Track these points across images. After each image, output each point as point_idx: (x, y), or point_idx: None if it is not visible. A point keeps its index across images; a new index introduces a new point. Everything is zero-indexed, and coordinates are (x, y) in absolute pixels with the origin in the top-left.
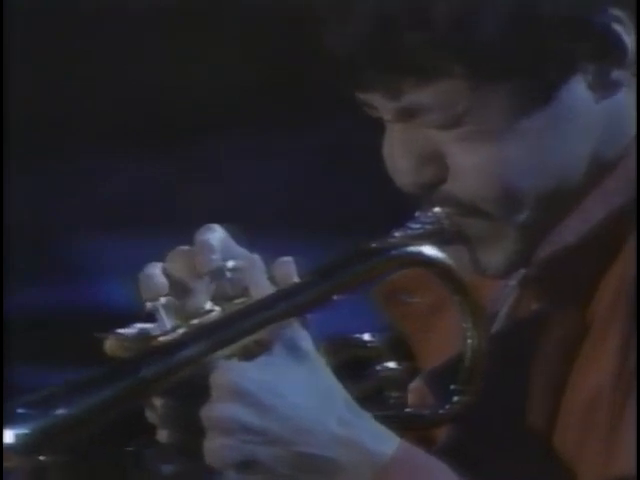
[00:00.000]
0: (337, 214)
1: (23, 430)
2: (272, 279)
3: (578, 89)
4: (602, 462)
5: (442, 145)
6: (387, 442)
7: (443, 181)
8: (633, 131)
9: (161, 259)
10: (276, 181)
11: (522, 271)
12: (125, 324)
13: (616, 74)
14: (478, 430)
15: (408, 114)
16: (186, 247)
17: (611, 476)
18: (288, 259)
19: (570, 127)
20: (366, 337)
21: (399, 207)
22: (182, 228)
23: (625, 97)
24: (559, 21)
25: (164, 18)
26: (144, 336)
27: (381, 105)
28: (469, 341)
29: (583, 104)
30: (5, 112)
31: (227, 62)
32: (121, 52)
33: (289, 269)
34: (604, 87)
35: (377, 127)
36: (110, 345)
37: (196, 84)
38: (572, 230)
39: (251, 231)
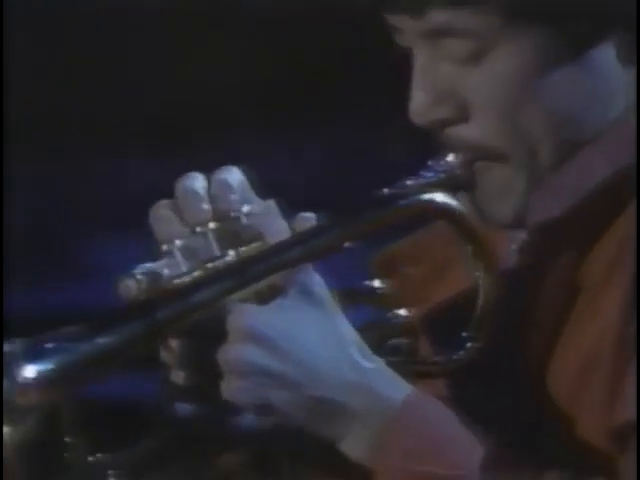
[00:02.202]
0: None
1: (45, 365)
2: (292, 231)
3: (607, 55)
4: (602, 411)
5: (463, 83)
6: (399, 388)
7: (459, 120)
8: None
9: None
10: (280, 181)
11: (522, 236)
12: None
13: None
14: (481, 379)
15: (434, 36)
16: (199, 175)
17: (612, 423)
18: (310, 215)
19: (595, 87)
20: (377, 284)
21: None
22: None
23: None
24: None
25: (167, 17)
26: (160, 277)
27: (408, 27)
28: (481, 288)
29: (610, 70)
30: (7, 112)
31: (229, 62)
32: (124, 52)
33: (310, 224)
34: (629, 59)
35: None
36: (125, 285)
37: (199, 84)
38: (567, 179)
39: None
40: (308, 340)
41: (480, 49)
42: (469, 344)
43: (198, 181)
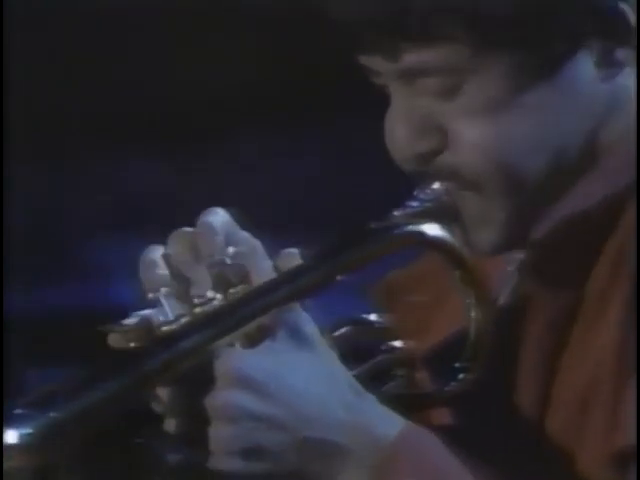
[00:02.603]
0: (342, 213)
1: (26, 429)
2: (277, 269)
3: (583, 66)
4: (603, 439)
5: (442, 116)
6: (392, 424)
7: (441, 152)
8: (633, 114)
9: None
10: (283, 182)
11: (520, 256)
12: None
13: (620, 53)
14: (476, 410)
15: (409, 76)
16: (189, 229)
17: (612, 451)
18: (294, 250)
19: (573, 104)
20: (372, 317)
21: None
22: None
23: (627, 79)
24: None
25: (167, 17)
26: (147, 326)
27: (383, 68)
28: (473, 317)
29: (587, 82)
30: (7, 112)
31: (230, 62)
32: (124, 52)
33: (294, 260)
34: (608, 66)
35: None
36: (113, 337)
37: (199, 84)
38: (568, 210)
39: (257, 232)
40: (298, 381)
41: (454, 83)
42: (462, 375)
43: (187, 234)
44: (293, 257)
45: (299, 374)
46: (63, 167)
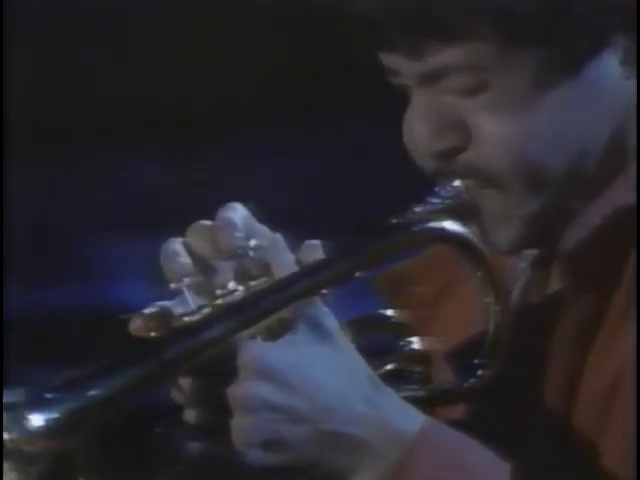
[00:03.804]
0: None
1: (51, 414)
2: (299, 262)
3: (608, 64)
4: (623, 444)
5: (465, 113)
6: (412, 419)
7: (462, 150)
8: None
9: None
10: (289, 181)
11: (533, 252)
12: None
13: None
14: (496, 406)
15: (432, 77)
16: (207, 222)
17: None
18: (316, 242)
19: (597, 102)
20: (389, 313)
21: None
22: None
23: None
24: None
25: (168, 18)
26: (167, 315)
27: (405, 68)
28: (492, 315)
29: (612, 80)
30: (7, 112)
31: (230, 61)
32: (124, 52)
33: (316, 252)
34: (633, 63)
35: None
36: (135, 324)
37: (199, 84)
38: (599, 214)
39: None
40: (318, 374)
41: (478, 81)
42: (481, 371)
43: (207, 228)
44: (315, 249)
45: (320, 367)
46: (63, 167)
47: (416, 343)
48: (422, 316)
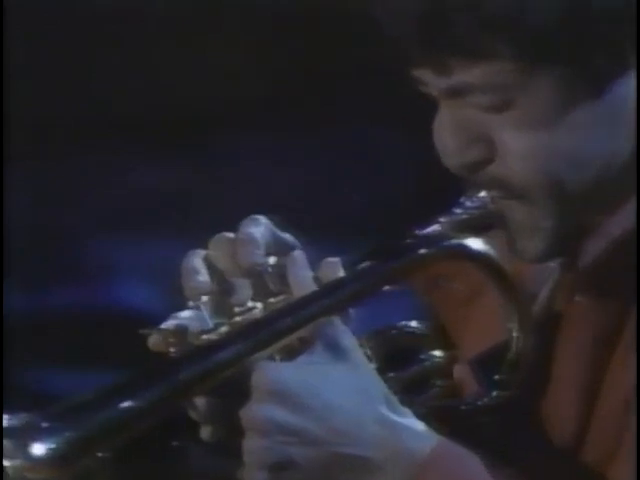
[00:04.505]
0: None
1: (53, 444)
2: (317, 280)
3: (628, 84)
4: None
5: (490, 127)
6: (426, 439)
7: (489, 162)
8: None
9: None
10: (294, 182)
11: (554, 265)
12: (139, 325)
13: None
14: (514, 421)
15: (457, 93)
16: (230, 235)
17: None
18: (335, 260)
19: (618, 121)
20: (412, 325)
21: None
22: (196, 229)
23: None
24: (611, 12)
25: (168, 17)
26: (184, 331)
27: (431, 82)
28: (514, 335)
29: (632, 100)
30: (7, 112)
31: (230, 61)
32: (124, 52)
33: (335, 270)
34: None
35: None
36: (153, 340)
37: (199, 84)
38: (619, 225)
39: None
40: (333, 395)
41: (503, 99)
42: (501, 387)
43: (229, 241)
44: (334, 267)
45: (335, 388)
46: (63, 167)
47: (437, 355)
48: (453, 316)
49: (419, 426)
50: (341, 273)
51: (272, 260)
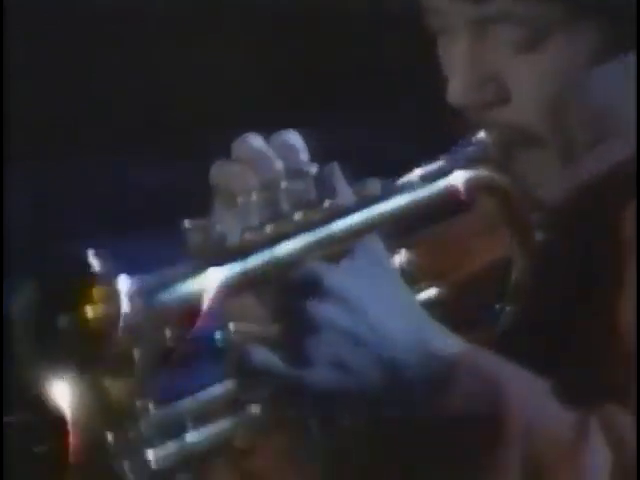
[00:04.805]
0: None
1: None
2: (357, 194)
3: None
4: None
5: (508, 68)
6: (455, 344)
7: (500, 103)
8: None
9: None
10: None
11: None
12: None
13: None
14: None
15: (483, 22)
16: (259, 138)
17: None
18: (376, 180)
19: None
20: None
21: None
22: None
23: None
24: None
25: (168, 17)
26: (223, 236)
27: (454, 10)
28: (515, 254)
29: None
30: (7, 112)
31: (230, 61)
32: (124, 51)
33: (375, 189)
34: None
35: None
36: (191, 235)
37: (200, 84)
38: (588, 170)
39: None
40: (379, 304)
41: (533, 38)
42: (503, 314)
43: (260, 141)
44: (374, 185)
45: (380, 297)
46: (63, 167)
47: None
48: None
49: (447, 333)
50: (379, 192)
51: (314, 168)
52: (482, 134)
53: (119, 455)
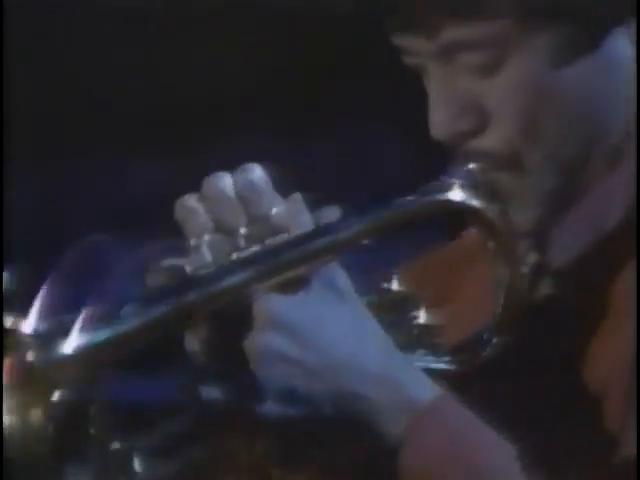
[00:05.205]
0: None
1: (81, 341)
2: (315, 224)
3: (623, 44)
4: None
5: (482, 93)
6: (426, 388)
7: (481, 131)
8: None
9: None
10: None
11: (534, 257)
12: None
13: None
14: (508, 377)
15: (447, 53)
16: (226, 175)
17: (618, 458)
18: (334, 208)
19: (614, 79)
20: (399, 286)
21: None
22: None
23: None
24: None
25: (169, 16)
26: (184, 269)
27: (420, 47)
28: (503, 286)
29: (624, 59)
30: (7, 112)
31: (231, 61)
32: (125, 51)
33: (334, 217)
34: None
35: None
36: (151, 277)
37: (200, 84)
38: (613, 218)
39: None
40: (332, 331)
41: (496, 58)
42: (492, 343)
43: (227, 181)
44: (333, 214)
45: (334, 324)
46: (63, 167)
47: (423, 317)
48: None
49: (419, 374)
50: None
51: (274, 210)
52: (471, 164)
53: None
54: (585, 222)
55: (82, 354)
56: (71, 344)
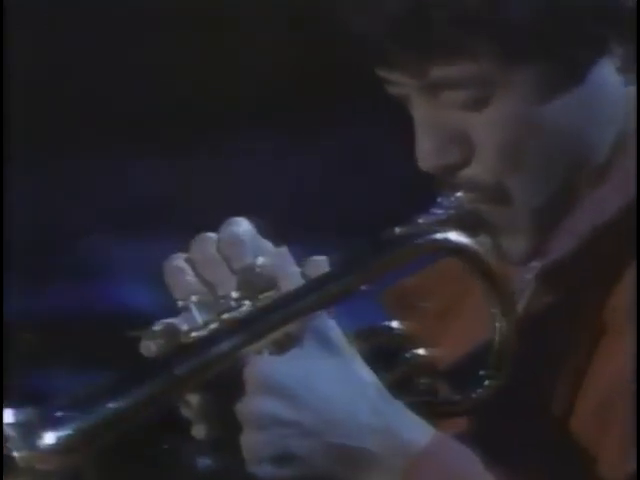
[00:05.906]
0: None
1: (63, 431)
2: (304, 276)
3: (607, 72)
4: (620, 455)
5: (467, 126)
6: (420, 431)
7: (467, 163)
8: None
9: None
10: (293, 181)
11: (537, 265)
12: (139, 325)
13: None
14: (500, 418)
15: (433, 90)
16: (212, 235)
17: (629, 467)
18: (321, 258)
19: (599, 110)
20: (394, 324)
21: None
22: (196, 229)
23: None
24: (590, 4)
25: (170, 16)
26: (174, 332)
27: (404, 82)
28: (497, 326)
29: (611, 88)
30: (7, 112)
31: (231, 61)
32: (125, 51)
33: (322, 268)
34: (631, 69)
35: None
36: (145, 345)
37: (200, 85)
38: (587, 221)
39: (268, 231)
40: (325, 387)
41: (480, 96)
42: (487, 382)
43: (212, 240)
44: (321, 264)
45: (327, 380)
46: (63, 167)
47: (421, 354)
48: (428, 329)
49: (413, 418)
50: (327, 270)
51: (260, 261)
52: (459, 193)
53: None
54: (577, 232)
55: (69, 443)
56: (55, 434)
